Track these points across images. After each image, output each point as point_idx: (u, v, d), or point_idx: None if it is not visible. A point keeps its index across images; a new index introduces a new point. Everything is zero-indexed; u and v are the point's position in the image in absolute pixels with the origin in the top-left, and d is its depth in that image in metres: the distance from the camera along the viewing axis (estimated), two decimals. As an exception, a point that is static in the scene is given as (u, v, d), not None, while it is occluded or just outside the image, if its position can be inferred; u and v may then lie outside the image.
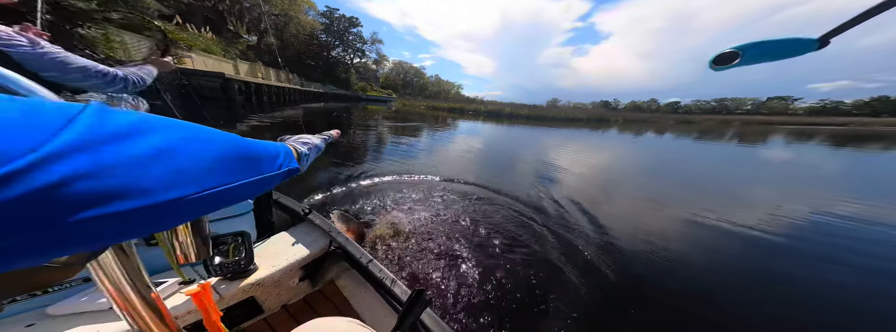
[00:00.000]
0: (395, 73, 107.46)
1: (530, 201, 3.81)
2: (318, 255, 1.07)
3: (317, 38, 50.38)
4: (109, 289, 0.32)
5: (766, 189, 5.96)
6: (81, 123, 0.14)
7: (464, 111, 54.37)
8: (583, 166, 7.00)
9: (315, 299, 1.12)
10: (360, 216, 2.75)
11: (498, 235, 2.68)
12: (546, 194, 4.20)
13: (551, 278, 2.14)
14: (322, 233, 1.15)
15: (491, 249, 2.42)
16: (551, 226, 3.03)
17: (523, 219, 3.17)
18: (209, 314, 0.54)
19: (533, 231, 2.88)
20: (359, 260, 0.99)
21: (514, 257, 2.34)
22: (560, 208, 3.67)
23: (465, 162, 6.22)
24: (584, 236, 2.90)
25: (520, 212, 3.35)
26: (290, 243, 1.10)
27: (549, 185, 4.79)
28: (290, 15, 36.91)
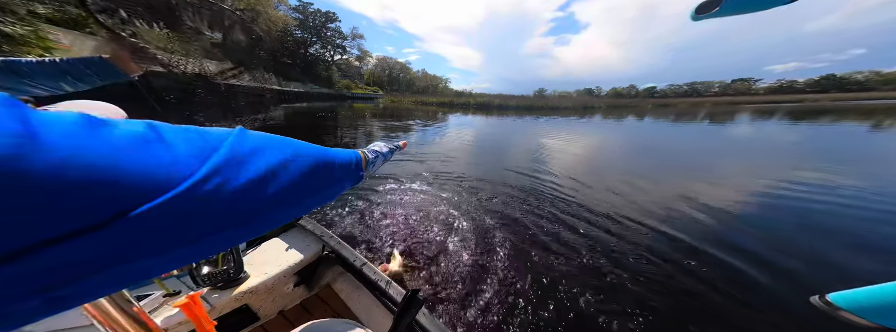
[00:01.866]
0: (380, 69, 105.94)
1: (530, 188, 4.25)
2: (311, 260, 1.11)
3: (291, 34, 48.53)
4: (86, 306, 0.32)
5: (738, 163, 7.05)
6: (229, 145, 0.18)
7: (453, 105, 54.45)
8: (580, 159, 7.32)
9: (312, 303, 1.16)
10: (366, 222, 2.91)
11: (505, 224, 2.99)
12: (543, 180, 4.68)
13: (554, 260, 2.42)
14: (314, 238, 1.17)
15: (493, 241, 2.63)
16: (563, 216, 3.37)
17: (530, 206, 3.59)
18: (202, 325, 0.57)
19: (550, 223, 3.18)
20: (353, 263, 1.02)
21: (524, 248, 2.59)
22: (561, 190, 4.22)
23: (463, 154, 6.68)
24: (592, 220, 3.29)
25: (522, 198, 3.81)
26: (282, 249, 1.12)
27: (545, 172, 5.27)
28: (257, 10, 35.22)
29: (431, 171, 4.91)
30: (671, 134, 13.78)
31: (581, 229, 3.01)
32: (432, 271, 2.12)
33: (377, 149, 0.52)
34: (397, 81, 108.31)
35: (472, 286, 1.98)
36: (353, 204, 3.36)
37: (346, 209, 3.19)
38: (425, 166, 5.30)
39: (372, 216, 3.01)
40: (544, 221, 3.14)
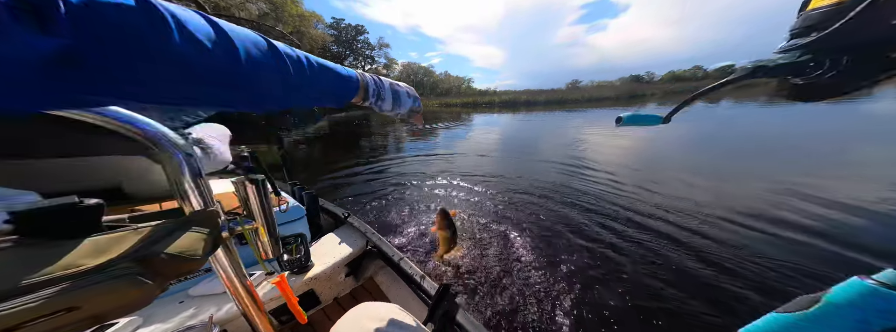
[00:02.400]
0: (405, 75, 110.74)
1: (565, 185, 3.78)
2: (358, 254, 1.23)
3: (329, 50, 53.99)
4: (222, 276, 0.46)
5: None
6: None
7: (477, 105, 54.65)
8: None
9: (359, 292, 1.25)
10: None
11: (540, 224, 2.66)
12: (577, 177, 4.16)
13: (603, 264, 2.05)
14: (360, 234, 1.31)
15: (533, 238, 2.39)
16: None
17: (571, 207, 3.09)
18: (290, 299, 0.67)
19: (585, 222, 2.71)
20: (391, 258, 1.12)
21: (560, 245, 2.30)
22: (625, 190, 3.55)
23: (482, 158, 5.91)
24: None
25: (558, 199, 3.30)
26: (336, 243, 1.27)
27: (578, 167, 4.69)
28: (302, 31, 40.21)
29: (459, 171, 4.59)
30: (768, 119, 10.57)
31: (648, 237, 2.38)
32: (467, 267, 1.99)
33: (380, 80, 0.44)
34: (422, 85, 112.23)
35: (508, 286, 1.80)
36: (387, 200, 3.33)
37: (382, 204, 3.22)
38: (453, 166, 4.98)
39: (406, 214, 2.94)
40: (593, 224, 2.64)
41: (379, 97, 0.44)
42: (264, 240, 0.52)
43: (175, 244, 0.29)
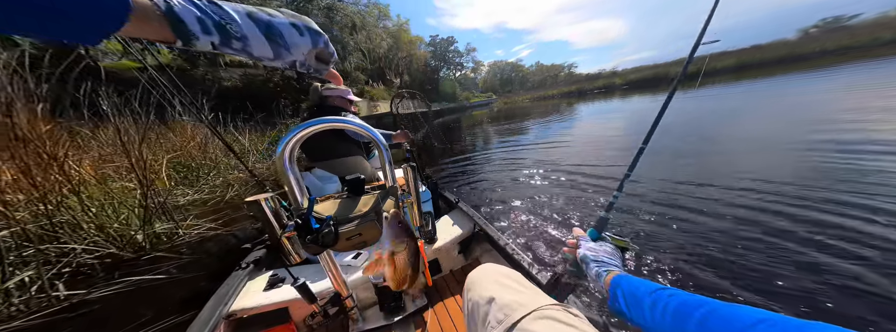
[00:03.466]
0: (491, 74, 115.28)
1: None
2: (467, 235, 1.38)
3: (429, 65, 65.99)
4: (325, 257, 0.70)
5: None
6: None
7: (583, 93, 50.11)
8: None
9: (468, 269, 1.32)
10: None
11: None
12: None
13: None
14: (469, 218, 1.48)
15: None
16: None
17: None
18: (424, 262, 0.76)
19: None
20: (497, 242, 1.23)
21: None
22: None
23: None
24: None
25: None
26: (450, 224, 1.46)
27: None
28: (411, 54, 52.00)
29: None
30: None
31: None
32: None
33: (237, 11, 0.26)
34: (510, 81, 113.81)
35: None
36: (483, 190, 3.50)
37: (479, 192, 3.43)
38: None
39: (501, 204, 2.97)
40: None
41: (229, 36, 0.25)
42: (415, 211, 0.76)
43: (385, 205, 0.59)
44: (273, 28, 0.28)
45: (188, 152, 3.67)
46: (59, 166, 1.82)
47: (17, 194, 1.72)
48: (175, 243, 2.45)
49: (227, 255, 2.23)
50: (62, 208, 1.91)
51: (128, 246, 2.18)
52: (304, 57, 0.32)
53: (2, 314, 1.58)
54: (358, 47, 27.21)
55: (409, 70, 50.31)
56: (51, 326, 1.56)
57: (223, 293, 1.09)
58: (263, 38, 0.28)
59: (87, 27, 0.19)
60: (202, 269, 2.08)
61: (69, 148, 1.99)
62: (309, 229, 0.53)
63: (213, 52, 0.26)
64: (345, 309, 0.96)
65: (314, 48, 0.32)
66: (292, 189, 0.66)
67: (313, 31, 0.31)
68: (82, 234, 2.01)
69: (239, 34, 0.26)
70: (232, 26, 0.25)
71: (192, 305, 1.66)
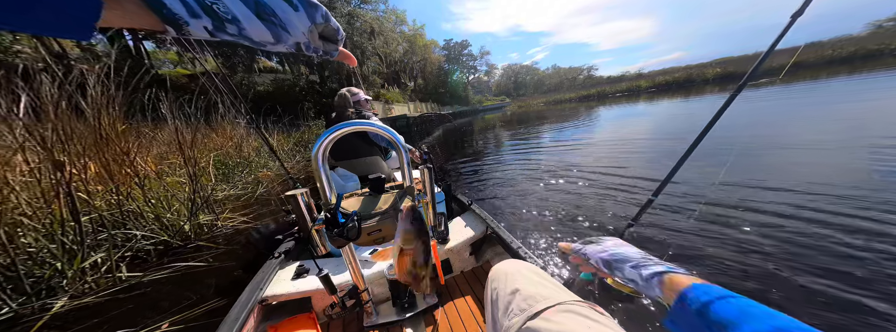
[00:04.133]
0: (506, 77, 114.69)
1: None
2: (479, 237, 1.40)
3: (442, 68, 66.76)
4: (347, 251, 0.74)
5: None
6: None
7: (604, 96, 47.35)
8: None
9: (479, 272, 1.40)
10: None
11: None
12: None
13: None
14: (481, 220, 1.48)
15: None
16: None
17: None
18: (436, 261, 0.97)
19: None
20: (509, 245, 1.22)
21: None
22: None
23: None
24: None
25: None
26: (462, 226, 1.48)
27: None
28: (426, 58, 52.83)
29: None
30: None
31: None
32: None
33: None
34: (524, 85, 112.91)
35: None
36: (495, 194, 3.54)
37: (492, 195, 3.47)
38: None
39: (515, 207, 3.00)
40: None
41: (219, 18, 0.23)
42: (429, 211, 0.78)
43: (403, 203, 0.63)
44: (263, 5, 0.24)
45: (227, 151, 4.00)
46: (129, 163, 2.10)
47: (98, 185, 2.00)
48: (214, 233, 2.70)
49: (255, 247, 2.42)
50: (130, 198, 2.19)
51: (177, 235, 2.44)
52: (305, 37, 0.28)
53: (78, 290, 1.84)
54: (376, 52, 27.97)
55: (423, 73, 51.17)
56: (114, 304, 1.79)
57: (259, 279, 1.18)
58: (256, 18, 0.24)
59: (66, 19, 0.17)
60: (235, 259, 2.29)
61: (137, 147, 2.28)
62: (335, 223, 0.56)
63: (212, 39, 0.24)
64: (361, 303, 0.99)
65: (313, 24, 0.28)
66: (323, 186, 0.70)
67: (306, 2, 0.27)
68: (143, 222, 2.29)
69: (229, 15, 0.23)
70: (218, 6, 0.23)
71: (227, 291, 1.82)
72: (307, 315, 1.11)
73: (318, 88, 13.67)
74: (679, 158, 1.01)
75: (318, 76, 16.20)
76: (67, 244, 1.81)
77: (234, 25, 0.24)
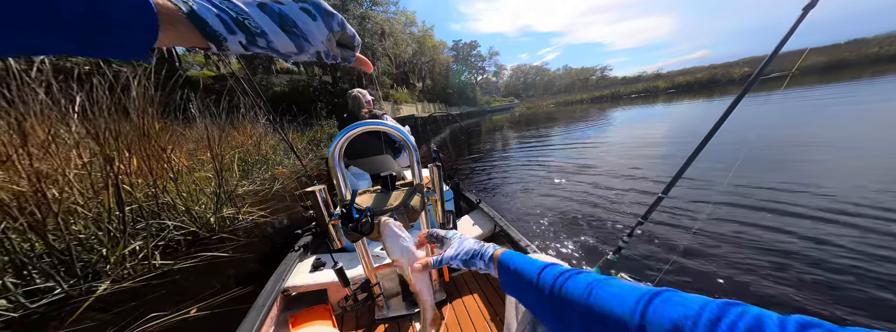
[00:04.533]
0: (515, 78, 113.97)
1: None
2: (487, 235, 1.43)
3: (451, 69, 66.85)
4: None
5: None
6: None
7: (618, 97, 45.39)
8: None
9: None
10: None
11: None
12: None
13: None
14: (489, 219, 1.50)
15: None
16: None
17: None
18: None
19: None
20: (518, 243, 1.24)
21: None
22: None
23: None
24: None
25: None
26: (470, 224, 1.50)
27: None
28: (434, 58, 53.07)
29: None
30: None
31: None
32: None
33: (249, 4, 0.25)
34: (533, 86, 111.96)
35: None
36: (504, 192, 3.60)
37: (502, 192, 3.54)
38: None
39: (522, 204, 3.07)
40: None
41: (251, 32, 0.25)
42: (438, 208, 0.80)
43: (412, 200, 0.64)
44: (285, 17, 0.27)
45: (247, 149, 4.22)
46: (166, 158, 2.28)
47: (138, 178, 2.19)
48: (235, 226, 2.87)
49: (272, 240, 2.58)
50: (165, 191, 2.38)
51: (203, 227, 2.62)
52: (324, 46, 0.30)
53: (118, 274, 2.02)
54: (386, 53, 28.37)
55: (432, 74, 51.48)
56: (148, 289, 1.95)
57: (281, 270, 1.23)
58: (280, 30, 0.26)
59: (129, 44, 0.19)
60: (253, 251, 2.43)
61: (172, 144, 2.47)
62: (350, 219, 0.58)
63: (245, 53, 0.26)
64: (372, 296, 1.01)
65: (331, 33, 0.30)
66: (339, 183, 0.72)
67: (324, 11, 0.29)
68: (174, 214, 2.47)
69: (258, 29, 0.25)
70: (249, 22, 0.25)
71: (246, 281, 1.96)
72: (323, 306, 1.15)
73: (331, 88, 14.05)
74: (689, 155, 1.01)
75: (330, 77, 16.65)
76: (112, 232, 2.00)
77: (263, 39, 0.26)
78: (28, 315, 1.66)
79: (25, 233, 1.66)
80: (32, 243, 1.73)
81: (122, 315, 1.64)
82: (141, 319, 1.56)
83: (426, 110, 36.27)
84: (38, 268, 1.72)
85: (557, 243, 2.29)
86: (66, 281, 1.81)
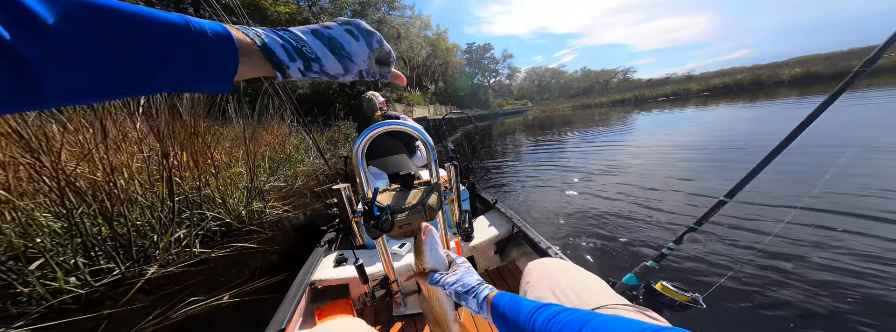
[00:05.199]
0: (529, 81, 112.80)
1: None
2: (504, 236, 1.40)
3: (463, 72, 67.01)
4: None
5: None
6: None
7: (643, 100, 42.24)
8: None
9: (503, 271, 1.42)
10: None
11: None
12: None
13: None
14: (506, 219, 1.47)
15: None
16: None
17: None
18: (459, 254, 0.89)
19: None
20: (538, 245, 1.19)
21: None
22: None
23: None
24: None
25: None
26: (486, 225, 1.48)
27: None
28: (447, 61, 53.48)
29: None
30: None
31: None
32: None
33: (305, 32, 0.28)
34: (548, 88, 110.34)
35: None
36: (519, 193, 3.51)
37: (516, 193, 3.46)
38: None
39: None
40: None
41: (307, 58, 0.27)
42: (455, 208, 0.81)
43: (431, 199, 0.66)
44: (334, 40, 0.29)
45: (274, 147, 4.51)
46: (210, 155, 2.53)
47: (186, 172, 2.44)
48: (262, 220, 3.09)
49: (293, 235, 2.76)
50: (206, 185, 2.62)
51: (236, 219, 2.85)
52: (366, 64, 0.32)
53: (165, 260, 2.25)
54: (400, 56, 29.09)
55: (445, 77, 51.92)
56: (188, 275, 2.13)
57: (309, 264, 1.28)
58: (330, 53, 0.29)
59: (216, 78, 0.22)
60: (276, 244, 2.61)
61: (214, 142, 2.73)
62: (371, 216, 0.60)
63: (302, 79, 0.28)
64: (390, 293, 1.02)
65: (371, 51, 0.32)
66: (361, 181, 0.74)
67: (364, 31, 0.31)
68: (213, 206, 2.71)
69: (313, 55, 0.27)
70: (306, 48, 0.27)
71: (269, 273, 2.08)
72: (345, 301, 1.19)
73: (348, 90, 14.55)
74: (763, 157, 0.85)
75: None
76: (163, 220, 2.24)
77: (317, 63, 0.28)
78: (92, 293, 1.88)
79: (96, 218, 1.90)
80: (100, 228, 1.98)
81: (165, 298, 1.81)
82: (182, 303, 1.71)
83: (438, 112, 36.66)
84: (103, 250, 1.96)
85: (582, 245, 2.15)
86: (123, 263, 2.04)
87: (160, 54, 0.20)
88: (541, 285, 0.56)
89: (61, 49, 0.16)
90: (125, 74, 0.19)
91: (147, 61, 0.19)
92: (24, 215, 1.66)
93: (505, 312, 0.39)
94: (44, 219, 1.77)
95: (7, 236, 1.60)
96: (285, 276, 1.92)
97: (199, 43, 0.21)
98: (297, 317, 1.04)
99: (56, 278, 1.72)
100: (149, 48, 0.19)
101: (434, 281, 0.51)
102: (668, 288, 0.54)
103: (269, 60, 0.25)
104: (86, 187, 1.81)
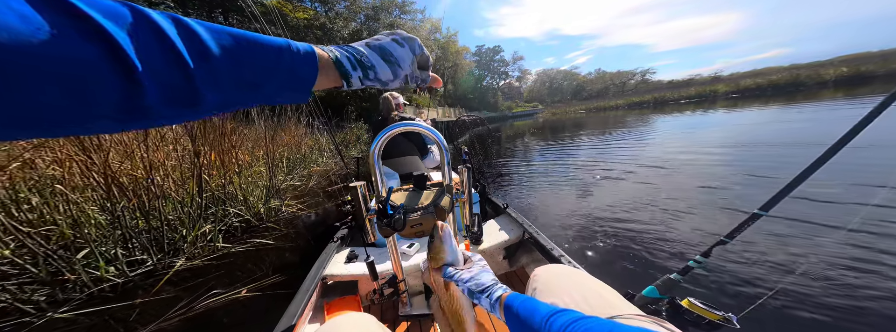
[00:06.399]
0: (539, 83, 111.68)
1: None
2: (514, 242, 1.38)
3: (472, 74, 67.20)
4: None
5: None
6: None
7: (663, 102, 40.41)
8: None
9: (512, 277, 1.41)
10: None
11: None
12: None
13: None
14: (517, 224, 1.45)
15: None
16: None
17: None
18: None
19: None
20: (550, 252, 1.16)
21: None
22: None
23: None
24: None
25: None
26: (496, 229, 1.46)
27: None
28: (457, 63, 53.77)
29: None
30: None
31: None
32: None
33: (361, 45, 0.32)
34: (560, 90, 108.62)
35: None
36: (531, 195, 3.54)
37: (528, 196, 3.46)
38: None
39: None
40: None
41: (365, 67, 0.30)
42: (466, 210, 0.82)
43: (443, 200, 0.67)
44: (384, 49, 0.32)
45: (291, 148, 4.71)
46: (234, 154, 2.69)
47: (213, 170, 2.61)
48: (278, 217, 3.23)
49: (306, 233, 2.85)
50: (230, 183, 2.79)
51: (255, 216, 3.00)
52: (410, 68, 0.34)
53: (191, 253, 2.40)
54: (410, 59, 29.68)
55: (454, 79, 52.35)
56: (210, 269, 2.25)
57: (322, 259, 1.31)
58: (382, 61, 0.31)
59: (297, 90, 0.26)
60: (290, 241, 2.72)
61: (238, 142, 2.90)
62: (384, 214, 0.61)
63: (361, 87, 0.31)
64: (398, 292, 1.03)
65: (414, 55, 0.34)
66: (377, 180, 0.75)
67: (406, 37, 0.33)
68: (235, 203, 2.87)
69: (369, 64, 0.30)
70: (364, 58, 0.30)
71: (284, 268, 2.18)
72: (354, 297, 1.20)
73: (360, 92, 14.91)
74: (803, 169, 0.77)
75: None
76: (191, 215, 2.40)
77: (372, 71, 0.31)
78: (127, 283, 2.04)
79: (135, 212, 2.07)
80: (137, 221, 2.15)
81: (189, 290, 1.91)
82: (205, 295, 1.81)
83: (446, 115, 36.94)
84: (139, 242, 2.12)
85: (597, 254, 2.06)
86: (156, 255, 2.20)
87: (269, 72, 0.24)
88: (548, 291, 0.53)
89: (220, 73, 0.20)
90: (244, 90, 0.23)
91: (260, 77, 0.23)
92: (75, 207, 1.83)
93: (519, 313, 0.39)
94: (91, 212, 1.94)
95: (60, 227, 1.77)
96: (296, 273, 2.02)
97: (293, 60, 0.25)
98: (308, 311, 1.07)
99: (98, 267, 1.88)
100: (266, 66, 0.23)
101: (448, 276, 0.50)
102: (696, 305, 0.51)
103: (338, 71, 0.29)
104: (127, 183, 1.98)
